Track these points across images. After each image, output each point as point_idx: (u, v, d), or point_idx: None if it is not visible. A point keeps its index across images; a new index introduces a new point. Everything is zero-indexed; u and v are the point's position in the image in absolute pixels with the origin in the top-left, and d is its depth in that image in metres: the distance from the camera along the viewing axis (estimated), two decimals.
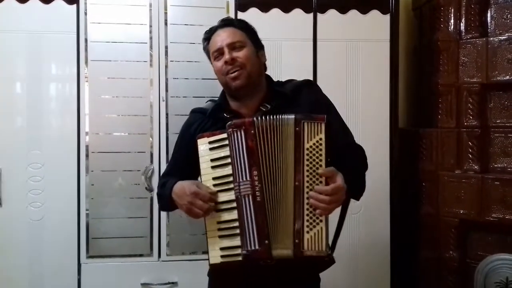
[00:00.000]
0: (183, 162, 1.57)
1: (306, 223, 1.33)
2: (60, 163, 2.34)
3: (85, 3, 2.33)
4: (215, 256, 1.38)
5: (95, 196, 2.36)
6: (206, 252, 1.41)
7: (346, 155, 1.47)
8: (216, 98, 1.65)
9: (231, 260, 1.37)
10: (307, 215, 1.33)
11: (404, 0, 2.91)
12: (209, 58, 1.62)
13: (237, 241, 1.36)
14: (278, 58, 2.42)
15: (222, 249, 1.38)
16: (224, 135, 1.42)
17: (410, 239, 2.76)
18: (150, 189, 2.37)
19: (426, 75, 2.79)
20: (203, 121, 1.58)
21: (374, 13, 2.53)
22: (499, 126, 2.49)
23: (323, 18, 2.49)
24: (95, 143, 2.36)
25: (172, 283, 2.39)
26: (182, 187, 1.45)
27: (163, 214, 2.39)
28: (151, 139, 2.39)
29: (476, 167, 2.51)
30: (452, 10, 2.60)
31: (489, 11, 2.52)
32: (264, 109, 1.50)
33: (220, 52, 1.52)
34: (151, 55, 2.38)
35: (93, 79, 2.36)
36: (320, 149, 1.34)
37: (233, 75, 1.49)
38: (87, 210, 2.35)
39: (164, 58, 2.39)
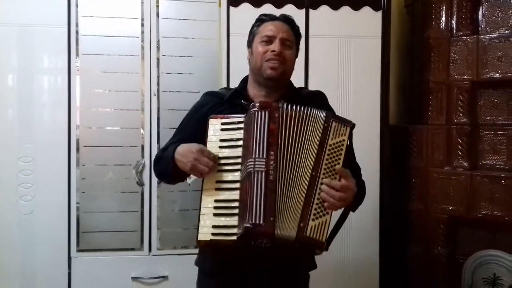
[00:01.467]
0: (188, 138, 1.56)
1: (313, 211, 1.36)
2: (51, 157, 2.34)
3: None
4: (206, 233, 1.37)
5: (86, 190, 2.36)
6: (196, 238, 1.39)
7: (353, 172, 1.50)
8: (225, 88, 1.72)
9: (222, 239, 1.36)
10: (316, 204, 1.37)
11: None
12: (250, 39, 1.64)
13: (234, 221, 1.36)
14: None
15: (214, 227, 1.37)
16: (240, 119, 1.46)
17: (399, 234, 2.78)
18: (141, 184, 2.38)
19: (417, 72, 2.80)
20: (217, 103, 1.61)
21: (366, 10, 2.54)
22: (488, 124, 2.51)
23: (315, 14, 2.49)
24: (86, 136, 2.36)
25: (163, 277, 2.40)
26: (186, 145, 1.47)
27: (154, 208, 2.39)
28: (142, 133, 2.39)
29: (465, 164, 2.53)
30: (444, 7, 2.61)
31: (480, 9, 2.53)
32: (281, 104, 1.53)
33: (270, 40, 1.55)
34: (142, 49, 2.38)
35: (84, 73, 2.35)
36: (341, 149, 1.42)
37: (272, 64, 1.53)
38: (77, 204, 2.35)
39: (155, 52, 2.38)
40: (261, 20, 1.62)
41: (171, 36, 2.40)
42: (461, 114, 2.55)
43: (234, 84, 2.30)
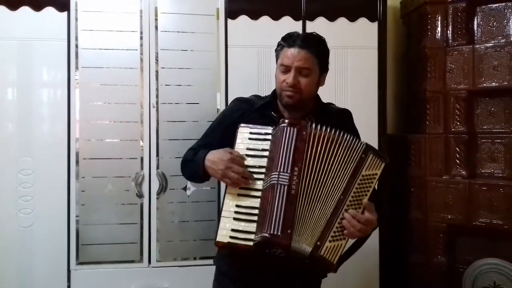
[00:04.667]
0: (215, 143, 1.62)
1: (332, 234, 1.42)
2: (51, 170, 2.34)
3: (76, 10, 2.35)
4: (224, 235, 1.43)
5: (85, 202, 2.36)
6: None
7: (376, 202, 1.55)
8: (256, 96, 1.74)
9: (239, 243, 1.42)
10: (336, 227, 1.43)
11: (392, 8, 2.95)
12: (276, 60, 1.66)
13: (252, 227, 1.42)
14: (268, 65, 2.44)
15: (233, 230, 1.43)
16: (268, 131, 1.52)
17: (398, 244, 2.78)
18: (140, 195, 2.38)
19: (414, 81, 2.82)
20: (247, 111, 1.66)
21: (362, 21, 2.56)
22: (486, 132, 2.53)
23: (312, 26, 2.51)
24: (85, 149, 2.36)
25: None
26: (217, 153, 1.53)
27: (154, 220, 2.39)
28: (141, 145, 2.39)
29: (463, 172, 2.54)
30: (439, 17, 2.64)
31: (475, 19, 2.56)
32: (309, 121, 1.56)
33: (287, 69, 1.58)
34: (141, 62, 2.40)
35: (83, 86, 2.36)
36: (372, 182, 1.47)
37: (288, 93, 1.57)
38: (77, 216, 2.35)
39: (154, 65, 2.40)
40: (281, 45, 1.63)
41: (169, 49, 2.41)
42: (458, 123, 2.57)
43: (233, 94, 2.34)
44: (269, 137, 1.51)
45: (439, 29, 2.65)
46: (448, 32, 2.62)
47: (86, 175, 2.36)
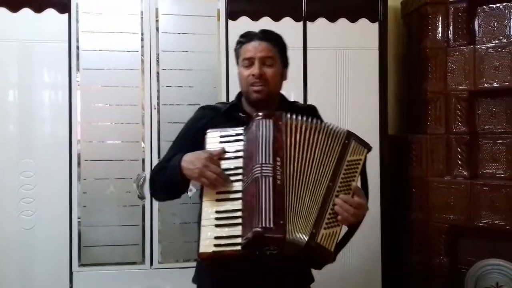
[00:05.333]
0: (185, 152, 1.52)
1: (326, 221, 1.36)
2: (52, 172, 2.34)
3: (77, 12, 2.35)
4: (208, 245, 1.32)
5: (87, 204, 2.36)
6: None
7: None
8: (221, 103, 1.72)
9: (226, 250, 1.31)
10: (329, 214, 1.37)
11: (393, 8, 2.95)
12: (237, 60, 1.66)
13: (237, 231, 1.32)
14: None
15: (217, 238, 1.33)
16: (239, 131, 1.47)
17: (400, 244, 2.78)
18: (142, 197, 2.38)
19: (414, 82, 2.82)
20: (213, 117, 1.62)
21: (363, 22, 2.56)
22: (487, 132, 2.53)
23: (312, 27, 2.52)
24: (87, 151, 2.36)
25: None
26: (194, 153, 1.45)
27: (155, 221, 2.39)
28: (143, 146, 2.40)
29: (465, 173, 2.54)
30: (440, 18, 2.64)
31: (476, 19, 2.56)
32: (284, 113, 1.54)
33: (250, 62, 1.57)
34: (142, 63, 2.40)
35: (85, 87, 2.37)
36: (357, 167, 1.45)
37: (256, 88, 1.55)
38: (79, 218, 2.35)
39: (155, 66, 2.40)
40: (240, 42, 1.63)
41: (170, 50, 2.42)
42: (459, 124, 2.56)
43: (234, 95, 2.34)
44: (241, 137, 1.46)
45: (440, 29, 2.64)
46: (449, 32, 2.62)
47: (87, 176, 2.36)
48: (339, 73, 2.55)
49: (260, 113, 1.45)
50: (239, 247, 1.30)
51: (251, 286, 1.50)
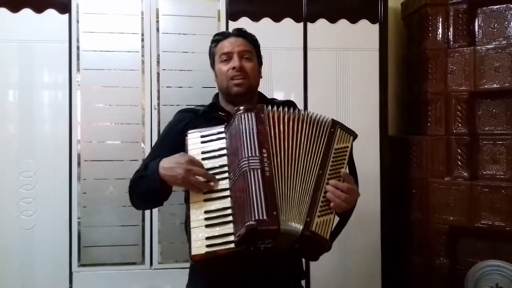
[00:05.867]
0: (165, 157, 1.46)
1: (319, 209, 1.35)
2: (52, 172, 2.34)
3: (77, 12, 2.35)
4: (199, 247, 1.29)
5: (87, 204, 2.36)
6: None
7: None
8: (201, 106, 1.69)
9: (219, 249, 1.28)
10: (322, 202, 1.37)
11: (393, 9, 2.96)
12: (211, 61, 1.69)
13: (228, 229, 1.29)
14: (269, 67, 2.44)
15: (208, 238, 1.30)
16: (221, 129, 1.46)
17: (400, 245, 2.77)
18: None
19: (415, 83, 2.82)
20: (193, 119, 1.61)
21: (364, 23, 2.57)
22: (487, 134, 2.53)
23: (313, 27, 2.52)
24: (87, 151, 2.37)
25: None
26: (172, 158, 1.40)
27: (155, 222, 2.39)
28: (143, 147, 2.40)
29: (465, 174, 2.54)
30: (440, 19, 2.64)
31: (476, 21, 2.56)
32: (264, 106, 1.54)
33: (229, 56, 1.59)
34: (143, 64, 2.40)
35: (85, 88, 2.37)
36: (345, 154, 1.45)
37: (237, 81, 1.56)
38: (78, 218, 2.35)
39: (156, 67, 2.41)
40: (216, 40, 1.66)
41: (171, 51, 2.42)
42: (460, 125, 2.56)
43: None
44: (223, 135, 1.44)
45: (440, 30, 2.64)
46: (449, 33, 2.62)
47: (87, 177, 2.36)
48: (340, 74, 2.55)
49: (241, 107, 1.45)
50: (232, 245, 1.27)
51: (245, 283, 1.48)
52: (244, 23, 2.46)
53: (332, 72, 2.55)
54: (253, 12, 2.48)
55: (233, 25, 2.44)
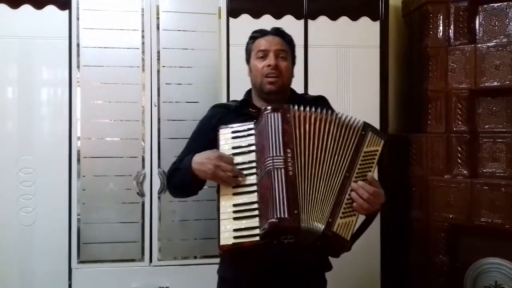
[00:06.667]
0: (198, 151, 1.58)
1: (342, 210, 1.40)
2: (52, 168, 2.34)
3: (77, 9, 2.35)
4: (227, 238, 1.39)
5: (86, 201, 2.36)
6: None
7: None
8: (233, 101, 1.77)
9: (245, 241, 1.37)
10: (346, 204, 1.41)
11: (394, 7, 2.95)
12: (247, 56, 1.73)
13: (254, 222, 1.37)
14: None
15: (236, 230, 1.39)
16: (250, 126, 1.51)
17: (400, 243, 2.78)
18: (141, 194, 2.38)
19: (415, 81, 2.82)
20: (225, 115, 1.67)
21: (364, 20, 2.56)
22: (487, 132, 2.52)
23: (313, 25, 2.52)
24: (86, 148, 2.36)
25: None
26: (204, 154, 1.50)
27: (155, 219, 2.39)
28: (143, 144, 2.39)
29: (465, 172, 2.54)
30: (441, 17, 2.63)
31: (477, 18, 2.55)
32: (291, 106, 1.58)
33: (265, 54, 1.63)
34: (143, 61, 2.39)
35: (85, 84, 2.36)
36: (373, 158, 1.48)
37: (270, 79, 1.61)
38: (78, 215, 2.35)
39: (156, 64, 2.40)
40: (254, 37, 1.70)
41: (171, 47, 2.41)
42: (460, 123, 2.56)
43: (234, 93, 2.34)
44: (252, 131, 1.50)
45: (441, 28, 2.64)
46: (450, 31, 2.62)
47: (87, 173, 2.36)
48: (340, 71, 2.55)
49: (268, 107, 1.49)
50: (257, 238, 1.36)
51: (271, 272, 1.55)
52: (244, 20, 2.45)
53: (332, 70, 2.55)
54: (254, 9, 2.47)
55: (233, 22, 2.44)
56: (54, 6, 2.34)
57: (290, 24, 2.49)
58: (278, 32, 1.69)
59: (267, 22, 2.47)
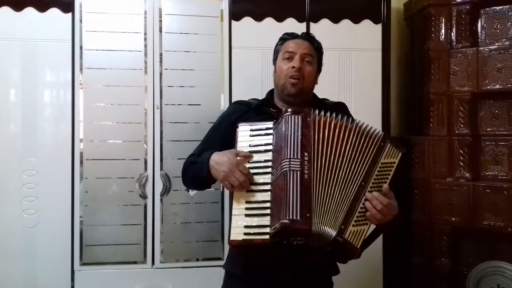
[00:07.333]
0: (216, 146, 1.62)
1: (355, 218, 1.41)
2: (55, 170, 2.35)
3: (81, 11, 2.36)
4: (238, 233, 1.40)
5: (89, 203, 2.36)
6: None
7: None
8: (254, 100, 1.77)
9: (254, 238, 1.39)
10: (359, 212, 1.42)
11: (396, 9, 2.95)
12: (275, 56, 1.75)
13: (265, 221, 1.39)
14: (271, 67, 2.43)
15: (247, 227, 1.40)
16: (269, 125, 1.53)
17: (402, 246, 2.77)
18: (144, 196, 2.38)
19: (417, 83, 2.82)
20: (245, 112, 1.68)
21: (366, 23, 2.57)
22: (489, 135, 2.52)
23: (316, 28, 2.52)
24: (89, 150, 2.37)
25: None
26: (223, 154, 1.51)
27: (157, 221, 2.39)
28: (145, 146, 2.40)
29: (467, 175, 2.54)
30: (443, 20, 2.64)
31: (479, 21, 2.55)
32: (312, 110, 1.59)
33: (291, 56, 1.66)
34: (145, 63, 2.40)
35: (88, 87, 2.37)
36: (390, 170, 1.50)
37: (293, 81, 1.63)
38: (81, 217, 2.36)
39: (158, 66, 2.41)
40: (284, 39, 1.73)
41: (173, 50, 2.42)
42: (462, 125, 2.56)
43: (236, 96, 2.35)
44: (271, 131, 1.51)
45: (443, 31, 2.64)
46: (452, 34, 2.62)
47: (90, 176, 2.36)
48: (342, 74, 2.55)
49: (289, 109, 1.50)
50: (267, 236, 1.37)
51: (277, 271, 1.56)
52: (247, 23, 2.46)
53: (334, 72, 2.55)
54: (256, 12, 2.48)
55: (235, 25, 2.45)
56: (58, 9, 2.35)
57: (292, 27, 2.48)
58: (308, 37, 1.72)
59: (269, 25, 2.48)
